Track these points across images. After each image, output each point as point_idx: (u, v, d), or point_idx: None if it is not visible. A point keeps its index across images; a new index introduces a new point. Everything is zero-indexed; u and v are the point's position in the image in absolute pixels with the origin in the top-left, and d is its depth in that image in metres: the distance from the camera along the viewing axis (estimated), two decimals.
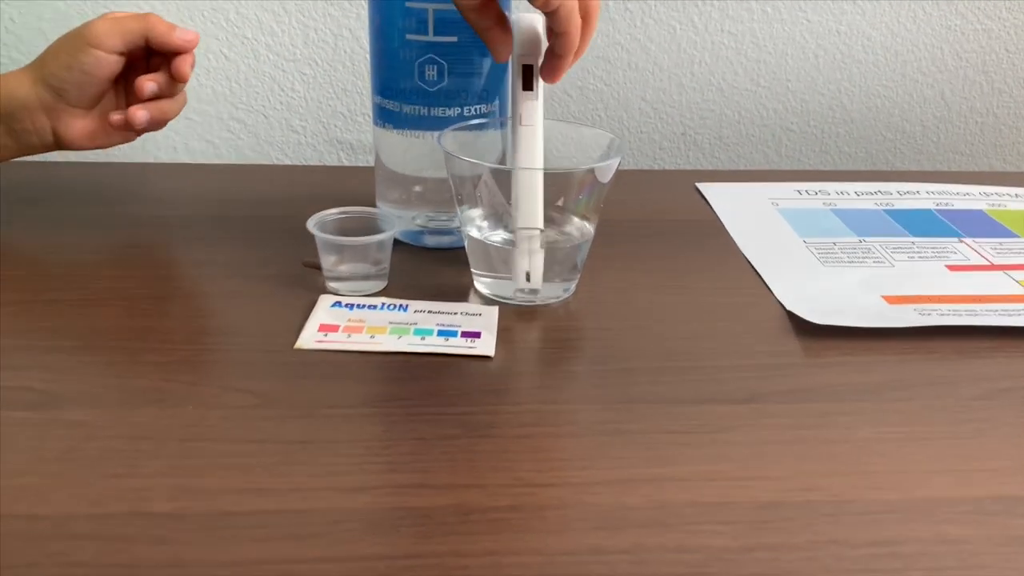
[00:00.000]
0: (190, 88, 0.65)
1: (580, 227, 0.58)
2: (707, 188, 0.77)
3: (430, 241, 0.63)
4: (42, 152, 0.63)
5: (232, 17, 0.81)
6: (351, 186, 0.70)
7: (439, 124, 0.58)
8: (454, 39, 0.57)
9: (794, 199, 0.75)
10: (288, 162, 0.86)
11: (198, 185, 0.75)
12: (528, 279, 0.56)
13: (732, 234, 0.68)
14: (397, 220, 0.59)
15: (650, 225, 0.69)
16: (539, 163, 0.56)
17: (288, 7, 0.81)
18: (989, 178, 0.83)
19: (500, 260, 0.57)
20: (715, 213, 0.72)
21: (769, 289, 0.59)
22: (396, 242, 0.57)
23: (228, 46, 0.82)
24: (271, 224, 0.66)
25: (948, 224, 0.71)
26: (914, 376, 0.50)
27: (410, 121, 0.59)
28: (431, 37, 0.56)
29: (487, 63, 0.58)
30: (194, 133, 0.84)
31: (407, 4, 0.56)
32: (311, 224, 0.56)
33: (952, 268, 0.63)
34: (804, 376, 0.49)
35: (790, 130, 0.88)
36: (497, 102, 0.61)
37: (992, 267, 0.63)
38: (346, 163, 0.86)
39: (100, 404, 0.44)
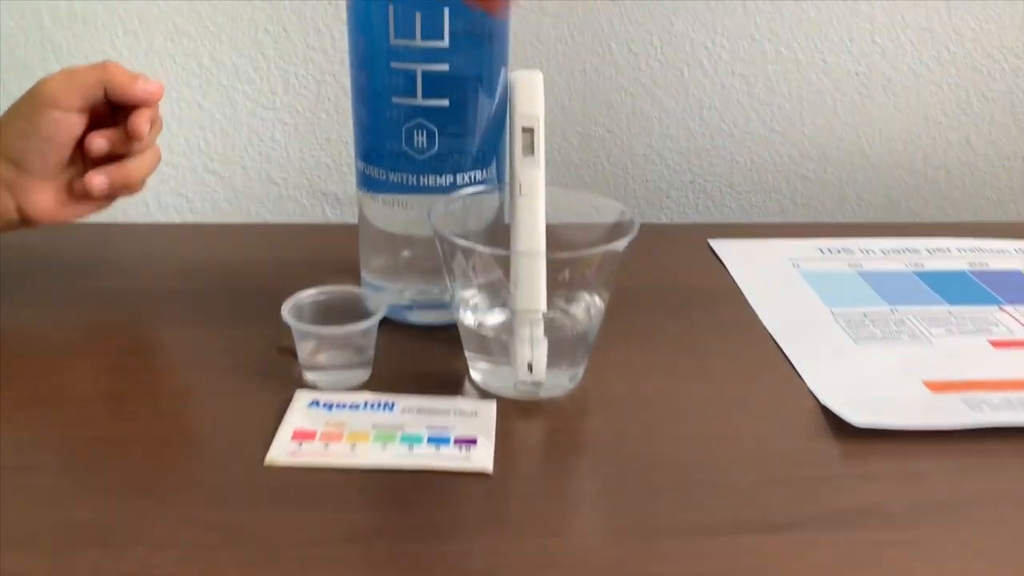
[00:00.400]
0: (161, 138, 0.59)
1: (589, 306, 0.53)
2: (721, 246, 0.71)
3: (419, 318, 0.57)
4: (6, 232, 0.57)
5: (206, 62, 0.75)
6: (335, 247, 0.64)
7: (429, 193, 0.52)
8: (445, 102, 0.51)
9: (816, 259, 0.69)
10: (268, 216, 0.80)
11: (166, 250, 0.69)
12: (530, 370, 0.49)
13: (753, 303, 0.62)
14: (384, 298, 0.53)
15: (662, 293, 0.63)
16: (541, 237, 0.50)
17: (267, 51, 0.75)
18: (1020, 230, 0.78)
19: (498, 347, 0.51)
20: (731, 277, 0.66)
21: (799, 375, 0.53)
22: (383, 319, 0.51)
23: (202, 94, 0.76)
24: (245, 298, 0.60)
25: (985, 289, 0.65)
26: (972, 489, 0.44)
27: (397, 189, 0.53)
28: (420, 100, 0.50)
29: (482, 126, 0.53)
30: (166, 187, 0.78)
31: (393, 65, 0.50)
32: (286, 312, 0.50)
33: (996, 344, 0.57)
34: (849, 492, 0.43)
35: (806, 177, 0.83)
36: (494, 166, 0.55)
37: None
38: (331, 217, 0.80)
39: (34, 546, 0.38)
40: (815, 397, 0.51)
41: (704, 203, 0.83)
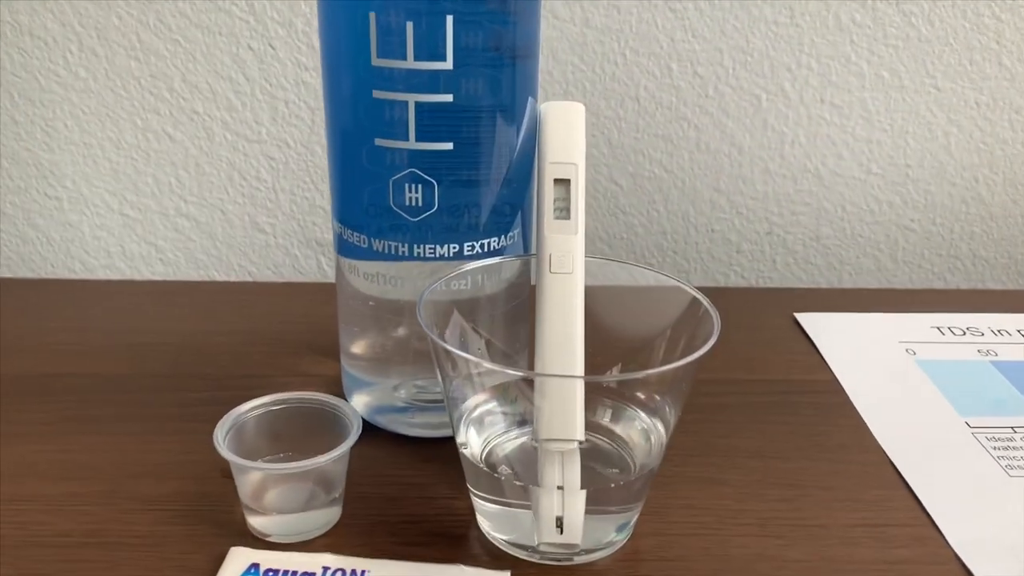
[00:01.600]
0: (126, 175, 0.46)
1: (648, 431, 0.38)
2: (811, 321, 0.56)
3: (418, 426, 0.43)
4: None
5: (178, 86, 0.62)
6: (325, 316, 0.50)
7: (426, 267, 0.39)
8: (448, 145, 0.37)
9: (935, 343, 0.54)
10: (253, 269, 0.67)
11: (113, 316, 0.56)
12: (560, 528, 0.35)
13: (859, 407, 0.47)
14: (366, 401, 0.39)
15: (736, 391, 0.48)
16: (577, 337, 0.36)
17: (251, 73, 0.62)
18: None
19: (514, 489, 0.36)
20: (827, 364, 0.51)
21: (933, 522, 0.38)
22: (364, 428, 0.37)
23: (173, 123, 0.63)
24: (198, 390, 0.46)
25: None
26: None
27: (384, 258, 0.39)
28: (413, 143, 0.37)
29: (499, 178, 0.38)
30: (132, 233, 0.65)
31: (375, 95, 0.36)
32: (220, 434, 0.36)
33: None
34: None
35: (909, 229, 0.67)
36: (518, 231, 0.41)
37: None
38: (328, 271, 0.67)
39: None
40: (959, 558, 0.36)
41: (784, 259, 0.68)
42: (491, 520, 0.37)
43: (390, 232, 0.38)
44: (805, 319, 0.56)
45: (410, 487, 0.40)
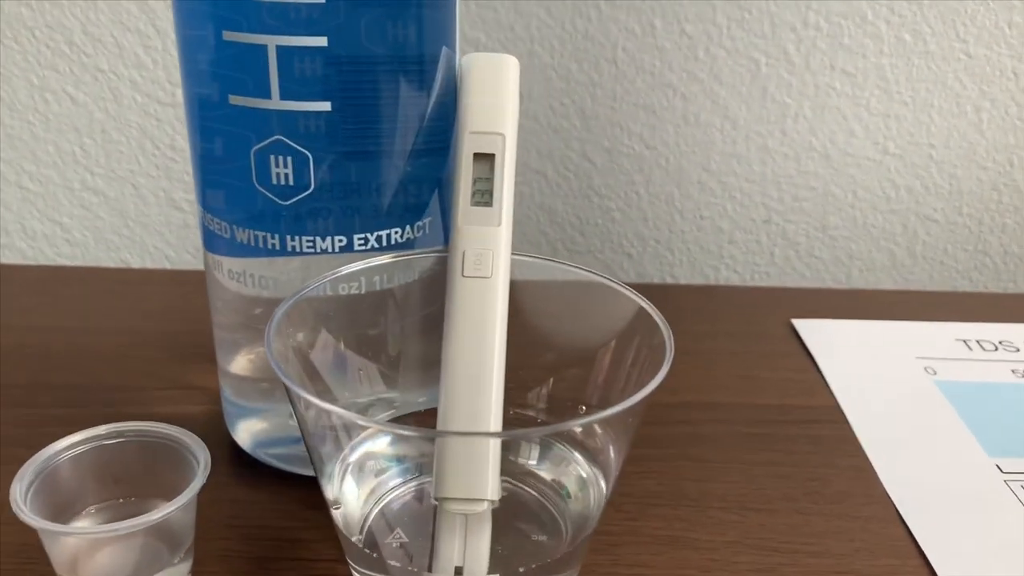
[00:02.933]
0: (23, 143, 0.38)
1: (588, 480, 0.30)
2: (810, 330, 0.47)
3: (293, 460, 0.34)
4: None
5: (78, 39, 0.53)
6: None
7: (302, 267, 0.30)
8: (325, 106, 0.28)
9: (960, 359, 0.45)
10: (170, 252, 0.58)
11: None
12: None
13: (863, 442, 0.38)
14: (251, 434, 0.30)
15: (717, 419, 0.39)
16: (493, 364, 0.27)
17: (161, 24, 0.53)
18: None
19: (400, 555, 0.28)
20: (827, 384, 0.42)
21: None
22: (249, 464, 0.29)
23: (75, 83, 0.54)
24: (49, 405, 0.38)
25: None
26: None
27: (249, 253, 0.30)
28: (277, 102, 0.28)
29: (403, 149, 0.30)
30: (32, 209, 0.57)
31: (225, 36, 0.27)
32: (19, 490, 0.28)
33: None
34: None
35: (931, 219, 0.58)
36: (429, 222, 0.32)
37: None
38: None
39: None
40: None
41: (783, 252, 0.59)
42: None
43: (256, 219, 0.29)
44: (804, 327, 0.47)
45: (286, 544, 0.31)
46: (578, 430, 0.30)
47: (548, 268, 0.31)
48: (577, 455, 0.30)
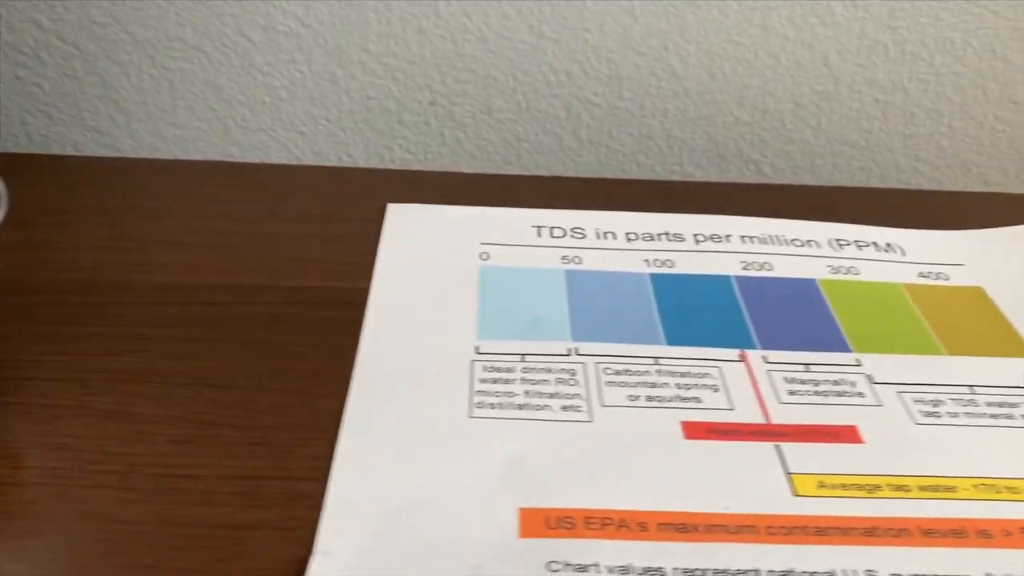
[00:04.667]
0: None
1: None
2: (398, 214, 0.49)
3: None
4: None
5: None
6: None
7: None
8: None
9: (522, 246, 0.47)
10: None
11: None
12: None
13: (367, 325, 0.41)
14: None
15: (247, 301, 0.42)
16: None
17: None
18: (877, 202, 0.55)
19: None
20: (375, 267, 0.45)
21: (324, 475, 0.33)
22: None
23: None
24: None
25: (742, 312, 0.43)
26: None
27: None
28: None
29: None
30: None
31: None
32: None
33: (691, 431, 0.36)
34: None
35: (593, 104, 0.59)
36: None
37: (764, 431, 0.36)
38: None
39: None
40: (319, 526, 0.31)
41: (453, 134, 0.60)
42: None
43: None
44: (395, 211, 0.49)
45: None
46: None
47: None
48: None
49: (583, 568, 0.29)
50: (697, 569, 0.29)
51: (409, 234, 0.47)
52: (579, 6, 0.56)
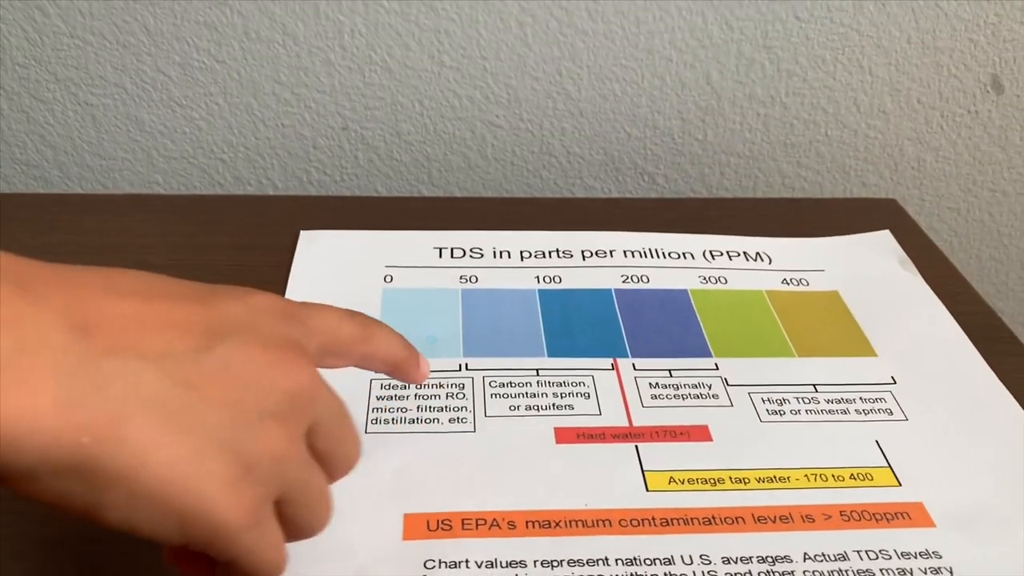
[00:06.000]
0: None
1: None
2: (309, 241, 0.53)
3: None
4: None
5: None
6: None
7: None
8: None
9: (423, 267, 0.51)
10: None
11: None
12: None
13: None
14: None
15: None
16: None
17: None
18: (752, 212, 0.60)
19: None
20: (285, 294, 0.49)
21: None
22: None
23: None
24: None
25: (619, 323, 0.47)
26: None
27: None
28: None
29: None
30: None
31: None
32: None
33: (562, 436, 0.40)
34: None
35: (495, 125, 0.63)
36: None
37: (626, 433, 0.41)
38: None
39: None
40: None
41: (366, 156, 0.64)
42: None
43: None
44: (307, 238, 0.53)
45: None
46: None
47: None
48: None
49: (455, 565, 0.34)
50: (555, 560, 0.34)
51: (319, 259, 0.51)
52: (475, 36, 0.60)
